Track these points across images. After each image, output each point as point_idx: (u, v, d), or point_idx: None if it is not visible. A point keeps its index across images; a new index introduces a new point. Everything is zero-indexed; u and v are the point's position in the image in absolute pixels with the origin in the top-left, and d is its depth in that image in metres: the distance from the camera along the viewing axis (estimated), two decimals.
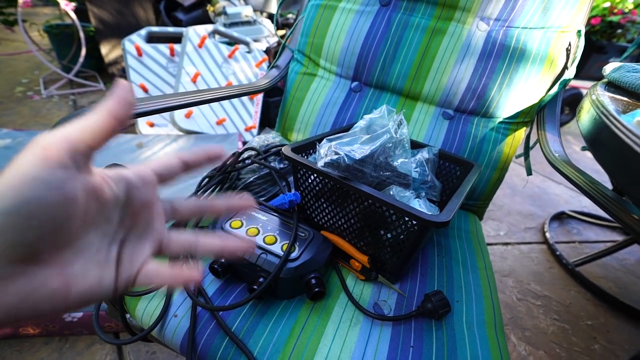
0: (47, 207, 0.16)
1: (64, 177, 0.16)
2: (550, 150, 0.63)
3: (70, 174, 0.17)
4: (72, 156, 0.17)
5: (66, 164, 0.16)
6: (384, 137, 0.50)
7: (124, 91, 0.19)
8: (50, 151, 0.16)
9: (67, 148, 0.17)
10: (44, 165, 0.16)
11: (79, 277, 0.18)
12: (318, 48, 0.82)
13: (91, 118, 0.18)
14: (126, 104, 0.19)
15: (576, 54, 0.69)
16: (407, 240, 0.47)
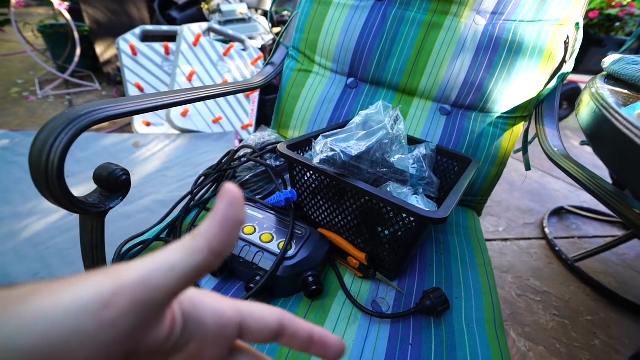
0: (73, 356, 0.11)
1: (114, 339, 0.12)
2: (549, 145, 0.62)
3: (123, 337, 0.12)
4: (141, 311, 0.12)
5: (125, 325, 0.12)
6: (380, 133, 0.50)
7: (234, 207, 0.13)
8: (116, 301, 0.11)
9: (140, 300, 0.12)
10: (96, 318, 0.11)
11: None
12: (313, 44, 0.81)
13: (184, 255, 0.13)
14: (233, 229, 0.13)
15: (575, 47, 0.68)
16: (405, 237, 0.46)
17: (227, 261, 0.47)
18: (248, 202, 0.55)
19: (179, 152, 1.41)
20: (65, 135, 0.35)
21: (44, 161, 0.34)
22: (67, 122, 0.36)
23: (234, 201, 0.13)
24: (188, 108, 1.50)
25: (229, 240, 0.13)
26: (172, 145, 1.45)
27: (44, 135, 0.35)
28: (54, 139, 0.35)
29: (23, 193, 1.13)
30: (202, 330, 0.15)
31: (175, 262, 0.12)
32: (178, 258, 0.13)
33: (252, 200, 0.56)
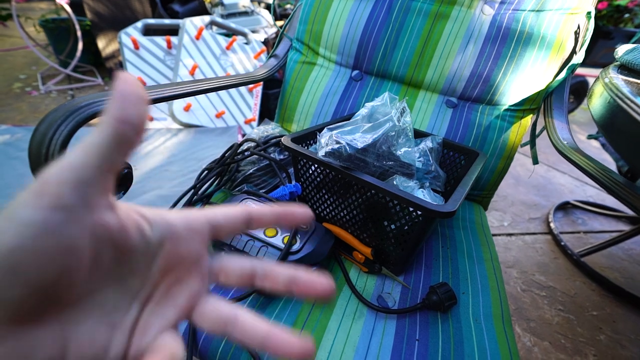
0: (37, 259, 0.12)
1: (62, 220, 0.12)
2: (558, 137, 0.61)
3: (72, 215, 0.13)
4: (77, 188, 0.13)
5: (67, 201, 0.12)
6: (386, 125, 0.49)
7: (128, 85, 0.14)
8: (48, 186, 0.12)
9: (70, 179, 0.13)
10: (37, 205, 0.12)
11: (82, 341, 0.14)
12: (317, 36, 0.80)
13: (97, 133, 0.13)
14: (135, 100, 0.14)
15: (585, 37, 0.67)
16: (412, 232, 0.45)
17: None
18: (252, 195, 0.55)
19: (182, 147, 1.40)
20: (65, 128, 0.35)
21: (44, 154, 0.33)
22: (67, 114, 0.35)
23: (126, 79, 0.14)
24: (191, 102, 1.49)
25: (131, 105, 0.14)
26: (174, 139, 1.44)
27: (43, 127, 0.34)
28: (54, 131, 0.34)
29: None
30: (172, 228, 0.17)
31: (92, 140, 0.13)
32: (93, 138, 0.13)
33: (256, 194, 0.55)
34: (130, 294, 0.16)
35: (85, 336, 0.14)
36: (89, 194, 0.13)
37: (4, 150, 1.34)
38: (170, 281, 0.17)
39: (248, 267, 0.19)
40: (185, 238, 0.17)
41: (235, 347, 0.40)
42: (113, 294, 0.15)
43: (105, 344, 0.15)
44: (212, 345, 0.41)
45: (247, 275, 0.19)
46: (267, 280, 0.19)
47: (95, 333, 0.14)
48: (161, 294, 0.17)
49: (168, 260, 0.17)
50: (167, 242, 0.17)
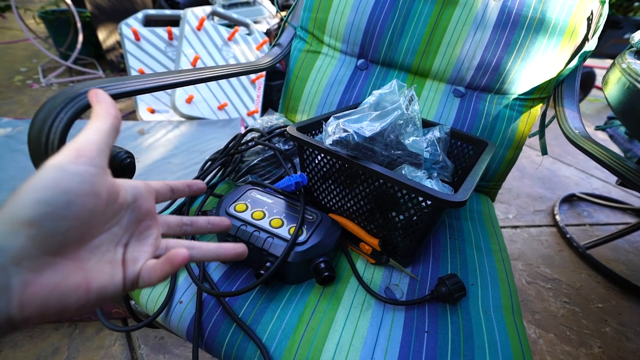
0: (80, 199, 0.17)
1: (95, 173, 0.18)
2: (569, 126, 0.60)
3: (99, 172, 0.19)
4: (99, 156, 0.19)
5: (96, 162, 0.19)
6: (394, 113, 0.47)
7: (100, 95, 0.22)
8: (84, 151, 0.18)
9: (95, 149, 0.19)
10: (79, 162, 0.18)
11: (95, 273, 0.19)
12: (322, 24, 0.78)
13: (97, 121, 0.20)
14: (112, 102, 0.22)
15: (599, 24, 0.65)
16: (420, 222, 0.44)
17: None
18: (256, 186, 0.54)
19: (184, 139, 1.39)
20: (65, 115, 0.34)
21: (44, 142, 0.32)
22: (66, 101, 0.34)
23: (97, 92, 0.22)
24: (193, 94, 1.47)
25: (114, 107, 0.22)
26: (177, 132, 1.43)
27: (42, 114, 0.33)
28: (53, 118, 0.33)
29: None
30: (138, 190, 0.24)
31: (100, 126, 0.20)
32: (100, 124, 0.20)
33: (261, 184, 0.54)
34: (115, 240, 0.22)
35: (95, 269, 0.19)
36: (104, 160, 0.20)
37: (5, 143, 1.33)
38: (140, 229, 0.24)
39: (179, 219, 0.28)
40: (147, 197, 0.24)
41: (241, 339, 0.39)
42: (105, 239, 0.21)
43: (110, 274, 0.20)
44: (218, 337, 0.40)
45: (180, 224, 0.28)
46: (194, 225, 0.29)
47: (102, 267, 0.20)
48: (136, 238, 0.23)
49: (139, 213, 0.23)
50: (137, 200, 0.23)
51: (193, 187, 0.30)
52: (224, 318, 0.41)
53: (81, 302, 0.18)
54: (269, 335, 0.39)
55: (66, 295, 0.17)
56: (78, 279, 0.18)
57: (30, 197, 0.16)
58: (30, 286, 0.16)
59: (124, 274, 0.21)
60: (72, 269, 0.18)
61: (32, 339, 0.81)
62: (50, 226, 0.16)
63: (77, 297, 0.18)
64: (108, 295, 0.20)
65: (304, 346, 0.38)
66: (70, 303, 0.17)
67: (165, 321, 0.43)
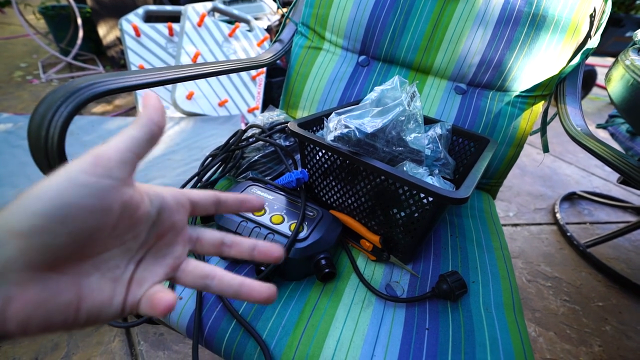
0: (84, 215, 0.15)
1: (108, 187, 0.16)
2: (571, 124, 0.59)
3: (115, 185, 0.17)
4: (121, 166, 0.17)
5: (114, 174, 0.16)
6: (396, 109, 0.47)
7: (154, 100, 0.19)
8: (102, 160, 0.16)
9: (117, 158, 0.17)
10: (92, 173, 0.16)
11: (93, 291, 0.17)
12: (323, 20, 0.77)
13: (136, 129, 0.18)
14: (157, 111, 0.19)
15: (602, 21, 0.64)
16: (422, 219, 0.44)
17: None
18: (257, 182, 0.54)
19: (185, 136, 1.39)
20: (65, 109, 0.33)
21: (43, 136, 0.32)
22: (66, 95, 0.34)
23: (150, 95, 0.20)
24: (193, 90, 1.47)
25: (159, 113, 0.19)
26: (177, 128, 1.43)
27: (42, 108, 0.33)
28: (53, 113, 0.33)
29: (28, 176, 1.12)
30: (165, 202, 0.21)
31: (133, 133, 0.18)
32: (134, 131, 0.18)
33: (262, 180, 0.54)
34: (129, 255, 0.19)
35: (94, 287, 0.17)
36: (127, 171, 0.17)
37: (5, 138, 1.33)
38: (160, 245, 0.21)
39: (218, 237, 0.24)
40: (174, 210, 0.21)
41: (241, 335, 0.39)
42: (116, 254, 0.18)
43: (110, 294, 0.18)
44: (218, 333, 0.40)
45: (218, 244, 0.24)
46: (234, 248, 0.24)
47: (102, 285, 0.18)
48: (152, 255, 0.20)
49: (161, 228, 0.21)
50: (161, 213, 0.20)
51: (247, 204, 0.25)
52: (224, 314, 0.41)
53: (68, 321, 0.16)
54: (269, 331, 0.39)
55: (53, 313, 0.16)
56: (69, 297, 0.16)
57: (27, 206, 0.14)
58: (13, 302, 0.14)
59: (126, 295, 0.19)
60: (65, 284, 0.16)
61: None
62: (42, 241, 0.14)
63: (64, 317, 0.16)
64: (102, 318, 0.18)
65: (305, 343, 0.38)
66: (56, 322, 0.16)
67: (165, 317, 0.43)
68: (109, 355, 0.78)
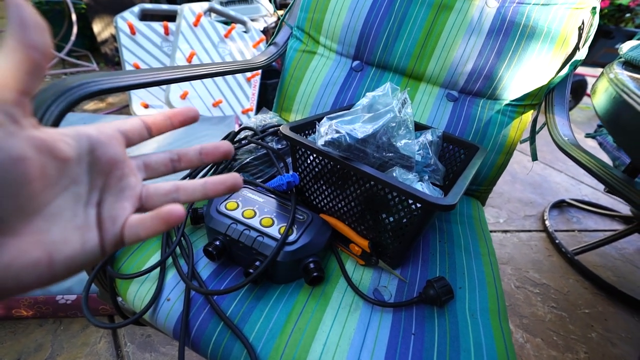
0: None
1: (1, 136, 0.14)
2: (559, 133, 0.61)
3: (7, 131, 0.15)
4: (2, 109, 0.14)
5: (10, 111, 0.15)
6: (387, 116, 0.47)
7: (24, 11, 0.15)
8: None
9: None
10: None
11: (60, 244, 0.17)
12: (318, 24, 0.78)
13: (7, 57, 0.15)
14: (35, 27, 0.15)
15: (589, 33, 0.66)
16: (410, 225, 0.45)
17: (226, 245, 0.45)
18: (248, 185, 0.54)
19: (178, 135, 1.38)
20: (56, 108, 0.33)
21: None
22: (57, 94, 0.34)
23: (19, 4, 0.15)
24: (187, 90, 1.47)
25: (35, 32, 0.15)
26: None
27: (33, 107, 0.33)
28: (44, 112, 0.32)
29: None
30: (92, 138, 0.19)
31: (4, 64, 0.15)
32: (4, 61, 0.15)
33: (253, 183, 0.54)
34: (82, 201, 0.19)
35: (58, 239, 0.17)
36: (13, 112, 0.15)
37: None
38: (112, 182, 0.20)
39: (164, 156, 0.24)
40: (107, 144, 0.20)
41: (228, 338, 0.39)
42: (65, 202, 0.18)
43: (80, 241, 0.18)
44: (205, 336, 0.40)
45: (167, 162, 0.24)
46: (183, 160, 0.24)
47: (67, 236, 0.17)
48: (109, 194, 0.20)
49: (100, 165, 0.20)
50: (93, 150, 0.19)
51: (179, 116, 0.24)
52: (211, 316, 0.41)
53: (45, 277, 0.16)
54: (256, 334, 0.39)
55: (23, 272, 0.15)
56: (36, 255, 0.16)
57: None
58: None
59: (102, 236, 0.19)
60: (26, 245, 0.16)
61: (15, 335, 0.79)
62: None
63: (38, 274, 0.16)
64: (80, 264, 0.18)
65: (291, 346, 0.38)
66: (32, 280, 0.16)
67: (152, 319, 0.43)
68: (95, 356, 0.77)
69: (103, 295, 0.52)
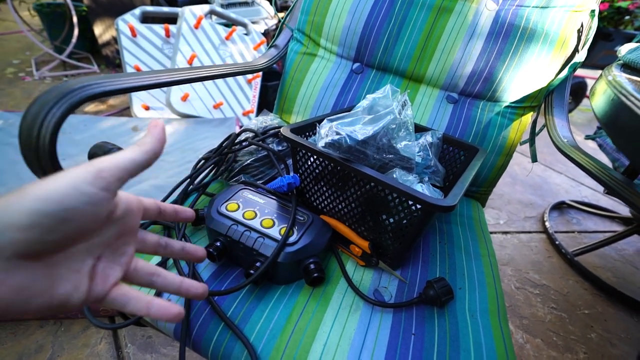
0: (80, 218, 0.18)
1: (105, 198, 0.19)
2: (558, 135, 0.61)
3: (109, 196, 0.19)
4: (117, 183, 0.20)
5: (111, 188, 0.19)
6: (387, 118, 0.48)
7: (160, 131, 0.23)
8: (104, 174, 0.19)
9: (117, 175, 0.20)
10: (93, 184, 0.18)
11: (62, 280, 0.19)
12: (319, 27, 0.78)
13: (136, 151, 0.21)
14: (161, 142, 0.23)
15: (588, 36, 0.66)
16: (410, 226, 0.45)
17: (227, 246, 0.45)
18: (249, 186, 0.54)
19: (179, 137, 1.39)
20: (58, 110, 0.33)
21: (35, 137, 0.32)
22: (59, 96, 0.34)
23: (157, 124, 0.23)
24: (188, 92, 1.47)
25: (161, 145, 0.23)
26: (171, 130, 1.42)
27: (34, 109, 0.33)
28: (45, 114, 0.33)
29: (18, 175, 1.11)
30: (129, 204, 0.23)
31: (134, 157, 0.21)
32: (135, 154, 0.21)
33: (253, 184, 0.54)
34: (91, 250, 0.21)
35: (63, 276, 0.19)
36: (120, 186, 0.20)
37: None
38: (118, 244, 0.23)
39: (156, 238, 0.28)
40: (133, 215, 0.24)
41: (229, 338, 0.39)
42: (82, 248, 0.20)
43: (75, 283, 0.20)
44: (205, 336, 0.40)
45: (156, 245, 0.27)
46: (168, 248, 0.28)
47: (69, 275, 0.19)
48: (110, 252, 0.23)
49: (122, 229, 0.23)
50: (125, 216, 0.23)
51: (180, 215, 0.30)
52: (212, 317, 0.41)
53: (44, 306, 0.18)
54: (257, 334, 0.39)
55: (31, 298, 0.17)
56: (45, 285, 0.18)
57: (31, 204, 0.16)
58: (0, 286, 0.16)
59: (89, 286, 0.21)
60: (42, 273, 0.18)
61: (16, 336, 0.79)
62: (38, 236, 0.16)
63: (40, 302, 0.18)
64: (70, 305, 0.19)
65: (292, 346, 0.38)
66: (33, 306, 0.18)
67: (153, 319, 0.43)
68: (95, 357, 0.77)
69: None
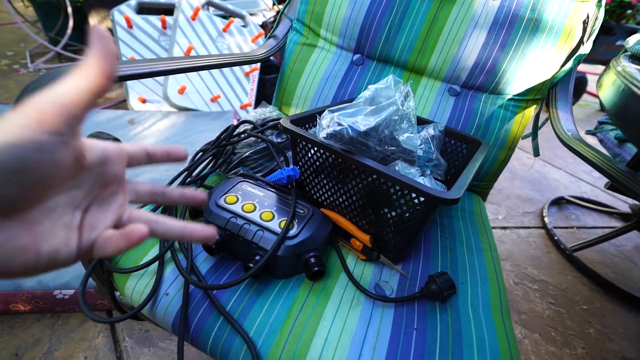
0: (35, 168, 0.16)
1: (58, 142, 0.17)
2: (562, 128, 0.60)
3: (64, 140, 0.17)
4: (69, 122, 0.17)
5: (62, 130, 0.16)
6: (389, 109, 0.47)
7: (104, 42, 0.18)
8: (47, 116, 0.16)
9: (64, 114, 0.16)
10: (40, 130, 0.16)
11: (47, 236, 0.18)
12: (319, 17, 0.77)
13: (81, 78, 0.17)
14: (110, 57, 0.18)
15: (594, 27, 0.65)
16: (412, 219, 0.44)
17: (226, 240, 0.45)
18: (248, 179, 0.53)
19: (176, 130, 1.37)
20: None
21: None
22: (52, 83, 0.33)
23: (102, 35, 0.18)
24: (185, 85, 1.45)
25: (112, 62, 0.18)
26: (168, 123, 1.41)
27: (25, 97, 0.32)
28: None
29: None
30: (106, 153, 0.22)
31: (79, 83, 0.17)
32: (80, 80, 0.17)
33: (252, 177, 0.53)
34: (74, 203, 0.20)
35: (48, 232, 0.18)
36: (75, 125, 0.17)
37: None
38: (104, 195, 0.22)
39: (151, 187, 0.26)
40: (115, 162, 0.22)
41: (228, 333, 0.39)
42: (62, 201, 0.19)
43: (64, 239, 0.19)
44: (204, 330, 0.39)
45: (152, 193, 0.26)
46: (165, 196, 0.27)
47: (55, 230, 0.18)
48: (98, 204, 0.22)
49: (104, 179, 0.22)
50: (104, 164, 0.21)
51: (173, 154, 0.27)
52: (210, 311, 0.40)
53: (30, 264, 0.17)
54: (257, 329, 0.39)
55: (12, 256, 0.16)
56: (25, 241, 0.17)
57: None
58: None
59: (79, 239, 0.20)
60: (20, 230, 0.17)
61: (13, 329, 0.78)
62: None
63: (24, 259, 0.17)
64: (60, 260, 0.19)
65: (292, 341, 0.38)
66: (17, 264, 0.17)
67: (151, 313, 0.42)
68: (93, 351, 0.76)
69: (101, 289, 0.51)
